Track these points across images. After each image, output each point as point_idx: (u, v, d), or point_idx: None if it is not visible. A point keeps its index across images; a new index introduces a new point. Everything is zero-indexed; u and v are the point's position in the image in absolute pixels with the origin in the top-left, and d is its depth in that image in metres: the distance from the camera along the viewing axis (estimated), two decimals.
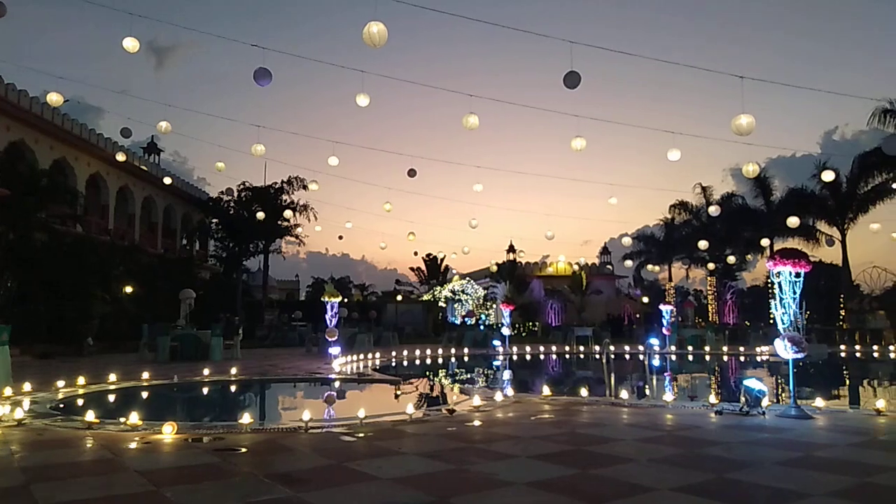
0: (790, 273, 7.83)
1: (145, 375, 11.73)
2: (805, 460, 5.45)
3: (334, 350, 16.16)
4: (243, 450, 5.79)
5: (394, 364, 17.84)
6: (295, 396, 12.44)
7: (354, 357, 17.40)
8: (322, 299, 16.66)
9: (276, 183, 34.82)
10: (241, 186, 34.10)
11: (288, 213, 32.11)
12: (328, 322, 16.24)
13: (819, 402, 8.60)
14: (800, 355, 7.89)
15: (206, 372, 12.60)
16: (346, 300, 38.60)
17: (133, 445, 5.98)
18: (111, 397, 10.38)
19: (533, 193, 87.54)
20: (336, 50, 69.25)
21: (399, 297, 43.12)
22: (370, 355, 18.04)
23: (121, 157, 23.79)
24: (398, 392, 11.96)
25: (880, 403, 8.11)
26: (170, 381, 11.95)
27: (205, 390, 11.95)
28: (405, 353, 19.79)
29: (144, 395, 10.95)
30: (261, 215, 27.17)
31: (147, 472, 4.91)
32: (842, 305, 28.82)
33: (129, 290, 23.38)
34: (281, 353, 20.47)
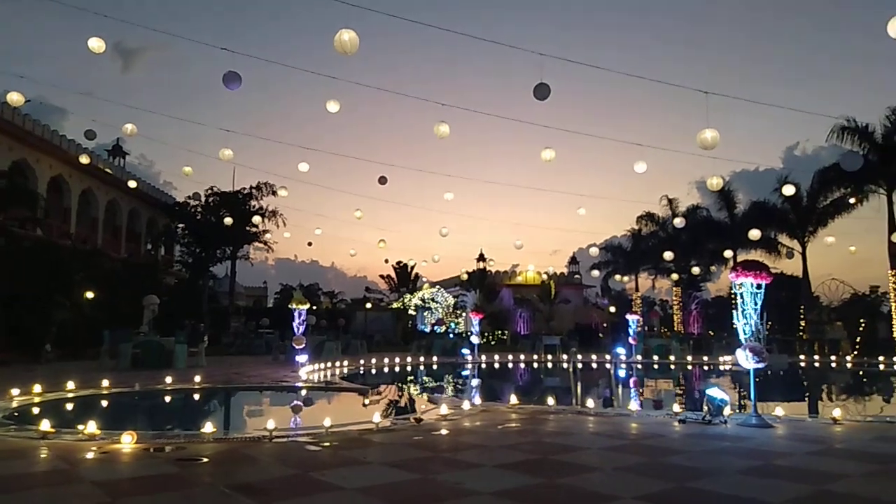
0: (751, 284, 8.01)
1: (105, 383, 11.41)
2: (764, 469, 5.55)
3: (301, 358, 15.99)
4: (205, 460, 5.67)
5: (362, 372, 17.70)
6: (260, 405, 12.25)
7: (322, 365, 17.22)
8: (290, 306, 16.50)
9: (244, 188, 34.44)
10: (209, 191, 33.61)
11: (256, 219, 31.74)
12: (296, 329, 16.09)
13: (779, 411, 8.79)
14: (760, 365, 8.06)
15: (168, 380, 12.33)
16: (314, 307, 38.26)
17: (90, 456, 5.81)
18: (69, 406, 10.08)
19: (503, 203, 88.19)
20: (307, 56, 69.01)
21: (368, 305, 42.87)
22: (338, 363, 17.87)
23: (84, 159, 23.23)
24: (366, 401, 11.87)
25: (837, 413, 8.33)
26: (131, 389, 11.65)
27: (167, 399, 11.69)
28: (374, 361, 19.66)
29: (104, 403, 10.66)
30: (228, 221, 26.79)
31: (103, 484, 4.78)
32: (802, 316, 29.57)
33: (90, 295, 22.79)
34: (247, 360, 20.16)
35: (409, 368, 19.70)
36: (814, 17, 76.59)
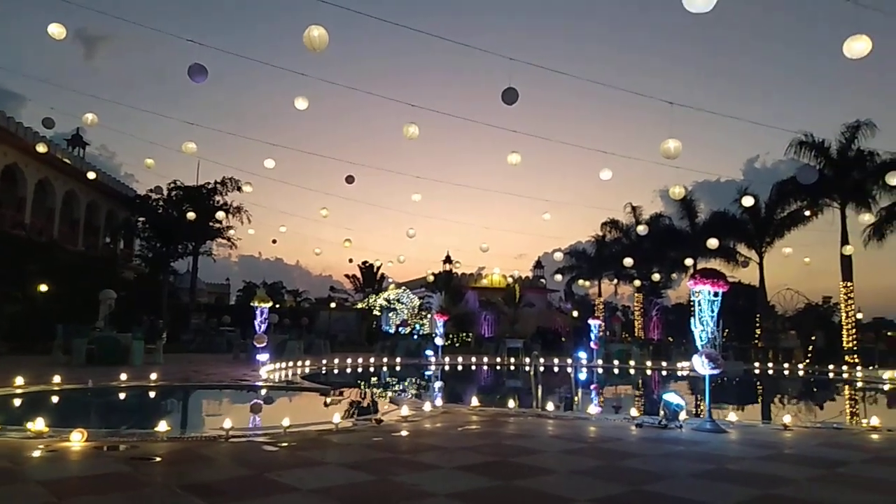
0: (709, 292, 8.20)
1: (57, 379, 11.07)
2: (716, 472, 5.68)
3: (262, 357, 15.78)
4: (158, 459, 5.55)
5: (324, 372, 17.54)
6: (219, 404, 12.05)
7: (283, 364, 17.03)
8: (252, 304, 16.27)
9: (208, 183, 33.79)
10: (172, 185, 32.91)
11: (220, 215, 31.21)
12: (257, 328, 15.86)
13: (732, 416, 9.02)
14: (716, 371, 8.25)
15: (123, 377, 12.04)
16: (277, 306, 37.80)
17: (37, 454, 5.63)
18: (17, 402, 9.76)
19: (470, 206, 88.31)
20: (276, 50, 68.09)
21: (333, 305, 42.53)
22: (300, 363, 17.69)
23: (41, 148, 22.48)
24: (327, 401, 11.77)
25: (787, 419, 8.57)
26: (83, 386, 11.34)
27: (122, 396, 11.41)
28: (336, 361, 19.51)
29: (55, 400, 10.34)
30: (191, 215, 26.27)
31: (49, 483, 4.64)
32: (757, 325, 30.38)
33: (44, 288, 22.11)
34: (207, 358, 19.81)
35: (372, 369, 19.61)
36: (777, 34, 78.96)
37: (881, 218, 25.07)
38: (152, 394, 11.76)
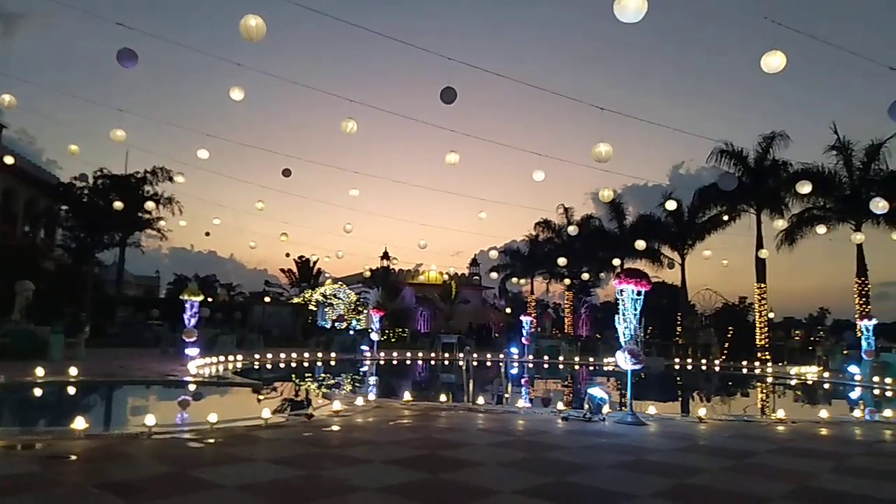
0: (632, 291, 8.56)
1: None
2: (636, 464, 5.96)
3: (192, 351, 15.35)
4: (73, 458, 5.35)
5: (257, 367, 17.23)
6: (144, 400, 11.64)
7: (214, 359, 16.60)
8: (182, 297, 15.79)
9: (138, 172, 32.41)
10: (99, 173, 31.39)
11: (150, 205, 30.04)
12: (187, 322, 15.42)
13: (652, 409, 9.44)
14: (638, 367, 8.63)
15: (40, 372, 11.45)
16: (210, 299, 36.72)
17: None
18: None
19: (408, 202, 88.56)
20: (211, 38, 65.82)
21: (267, 299, 41.65)
22: (232, 358, 17.29)
23: None
24: (260, 396, 11.58)
25: (702, 412, 9.06)
26: None
27: (37, 392, 10.86)
28: (270, 356, 19.18)
29: None
30: (118, 205, 25.12)
31: None
32: (679, 323, 31.73)
33: None
34: (133, 353, 19.04)
35: (306, 364, 19.38)
36: (702, 47, 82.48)
37: (792, 224, 26.56)
38: (71, 390, 11.24)
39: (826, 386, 17.88)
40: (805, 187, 19.06)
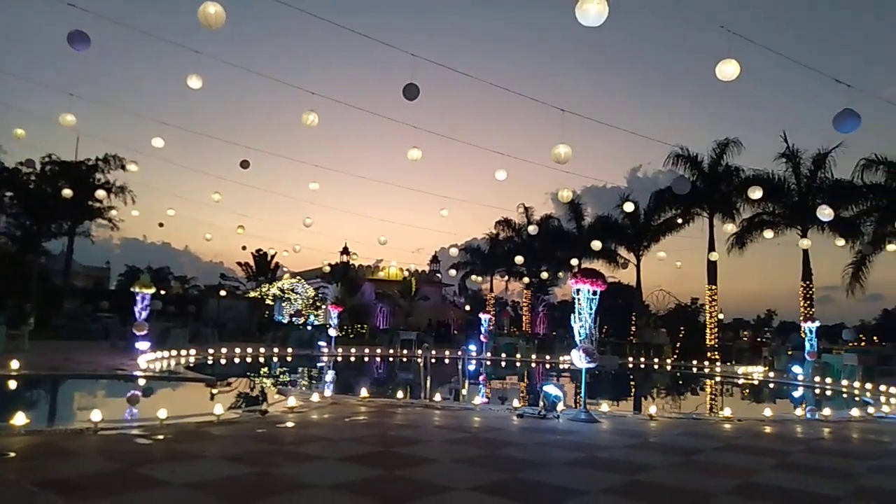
0: (588, 290, 8.70)
1: None
2: (588, 460, 6.07)
3: (142, 345, 14.97)
4: (12, 455, 5.15)
5: (211, 362, 16.90)
6: (92, 395, 11.29)
7: (166, 353, 16.22)
8: (132, 289, 15.37)
9: (88, 159, 31.36)
10: (47, 159, 30.26)
11: (100, 194, 29.02)
12: (138, 315, 15.03)
13: (605, 407, 9.63)
14: (592, 365, 8.78)
15: None
16: (163, 292, 35.78)
17: None
18: None
19: (370, 198, 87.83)
20: (168, 23, 64.11)
21: (223, 293, 40.85)
22: (184, 352, 16.92)
23: None
24: (214, 391, 11.36)
25: (653, 409, 9.28)
26: None
27: None
28: (224, 351, 18.83)
29: None
30: (67, 193, 24.26)
31: None
32: (633, 322, 32.41)
33: None
34: (81, 346, 18.44)
35: (262, 360, 19.09)
36: (662, 53, 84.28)
37: (743, 228, 27.41)
38: (12, 384, 10.81)
39: (771, 385, 18.51)
40: (756, 193, 19.69)
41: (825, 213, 16.37)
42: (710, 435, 8.02)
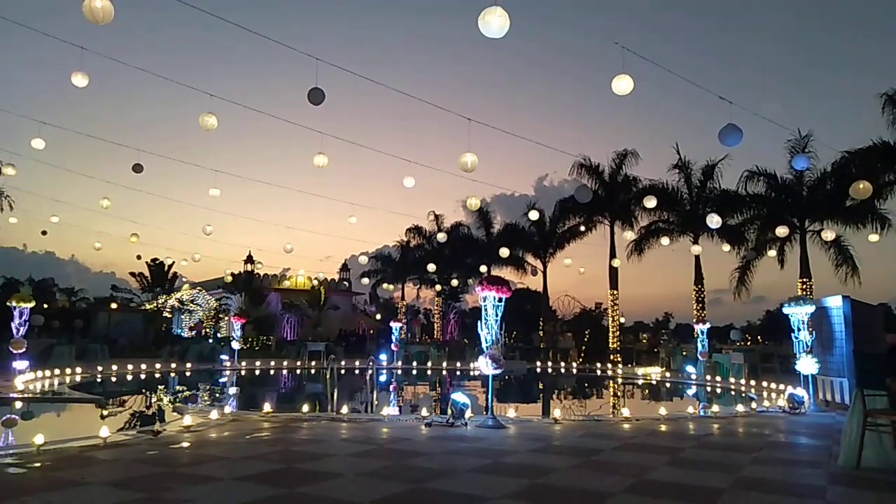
0: (494, 297, 8.83)
1: None
2: (493, 466, 6.12)
3: (20, 364, 13.76)
4: None
5: (100, 381, 15.81)
6: None
7: (49, 373, 15.01)
8: (9, 304, 14.11)
9: None
10: None
11: None
12: (14, 331, 13.81)
13: (512, 412, 9.78)
14: (498, 371, 8.90)
15: None
16: (46, 305, 33.15)
17: None
18: None
19: (274, 205, 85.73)
20: (51, 17, 59.65)
21: (114, 305, 38.38)
22: (70, 371, 15.71)
23: None
24: (104, 412, 10.60)
25: (557, 413, 9.52)
26: None
27: None
28: (115, 368, 17.66)
29: None
30: None
31: None
32: (540, 327, 33.32)
33: None
34: None
35: (158, 376, 18.05)
36: (564, 66, 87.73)
37: (641, 235, 28.93)
38: None
39: (668, 385, 19.53)
40: (651, 202, 20.80)
41: (714, 220, 17.50)
42: (610, 435, 8.31)
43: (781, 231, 20.81)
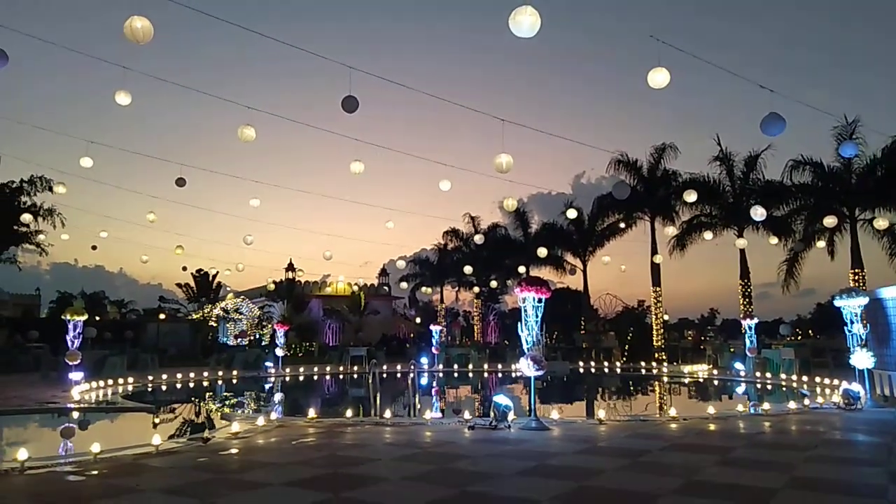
0: (534, 298, 8.76)
1: None
2: (538, 469, 6.07)
3: (76, 375, 14.26)
4: None
5: (151, 390, 16.26)
6: (21, 431, 10.64)
7: (102, 383, 15.51)
8: (63, 317, 14.65)
9: (12, 182, 29.89)
10: None
11: (27, 218, 27.70)
12: (70, 343, 14.33)
13: (555, 414, 9.68)
14: (539, 373, 8.82)
15: None
16: (98, 318, 34.33)
17: None
18: None
19: (314, 213, 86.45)
20: (94, 38, 61.67)
21: (163, 316, 39.46)
22: (122, 381, 16.21)
23: None
24: (156, 420, 10.91)
25: (602, 414, 9.39)
26: None
27: None
28: (165, 377, 18.15)
29: None
30: None
31: None
32: (582, 327, 32.91)
33: None
34: (9, 379, 17.42)
35: (206, 384, 18.47)
36: (598, 62, 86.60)
37: (683, 230, 28.32)
38: None
39: (715, 382, 19.07)
40: (691, 196, 20.35)
41: (758, 213, 17.05)
42: (657, 435, 8.16)
43: (829, 221, 20.12)
